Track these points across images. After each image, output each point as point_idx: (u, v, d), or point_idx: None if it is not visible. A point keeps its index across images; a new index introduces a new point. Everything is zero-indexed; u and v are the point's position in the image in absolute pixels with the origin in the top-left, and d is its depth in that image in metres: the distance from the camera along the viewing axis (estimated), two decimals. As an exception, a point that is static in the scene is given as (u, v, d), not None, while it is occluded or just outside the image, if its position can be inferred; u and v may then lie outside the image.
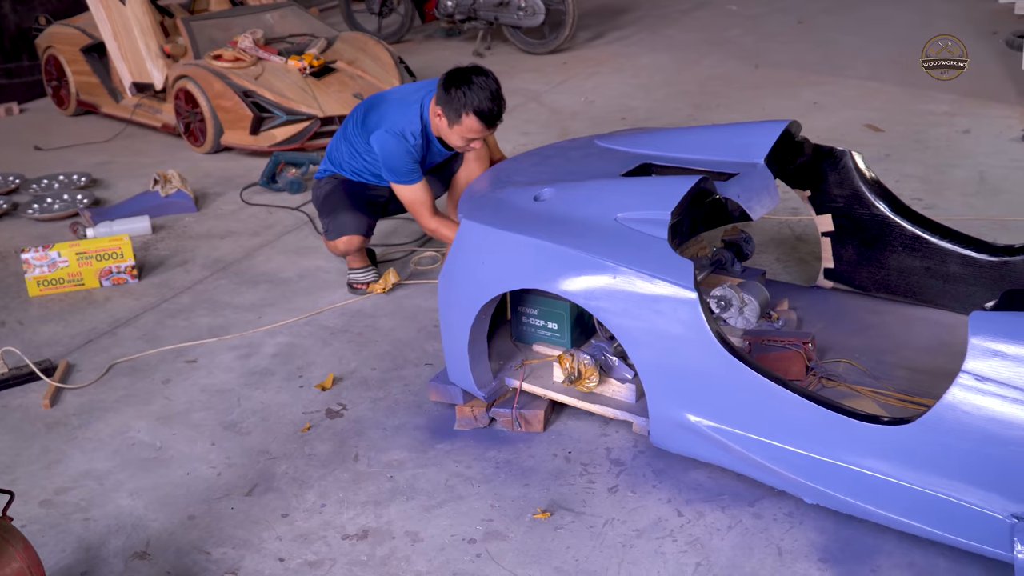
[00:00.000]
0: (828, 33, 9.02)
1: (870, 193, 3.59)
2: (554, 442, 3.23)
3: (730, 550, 2.72)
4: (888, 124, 6.35)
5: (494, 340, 3.44)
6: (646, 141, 3.68)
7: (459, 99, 3.71)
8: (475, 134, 3.80)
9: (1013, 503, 2.41)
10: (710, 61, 8.30)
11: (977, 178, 5.34)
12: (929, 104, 6.72)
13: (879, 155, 5.75)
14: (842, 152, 3.59)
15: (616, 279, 2.83)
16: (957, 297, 3.50)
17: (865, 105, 6.81)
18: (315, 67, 6.55)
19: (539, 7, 8.51)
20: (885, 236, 3.60)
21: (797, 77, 7.66)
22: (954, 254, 3.48)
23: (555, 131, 6.57)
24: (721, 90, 7.42)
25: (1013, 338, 2.33)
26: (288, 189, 5.67)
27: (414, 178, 3.99)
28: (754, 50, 8.59)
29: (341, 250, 4.26)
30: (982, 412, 2.36)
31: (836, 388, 3.10)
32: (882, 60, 7.94)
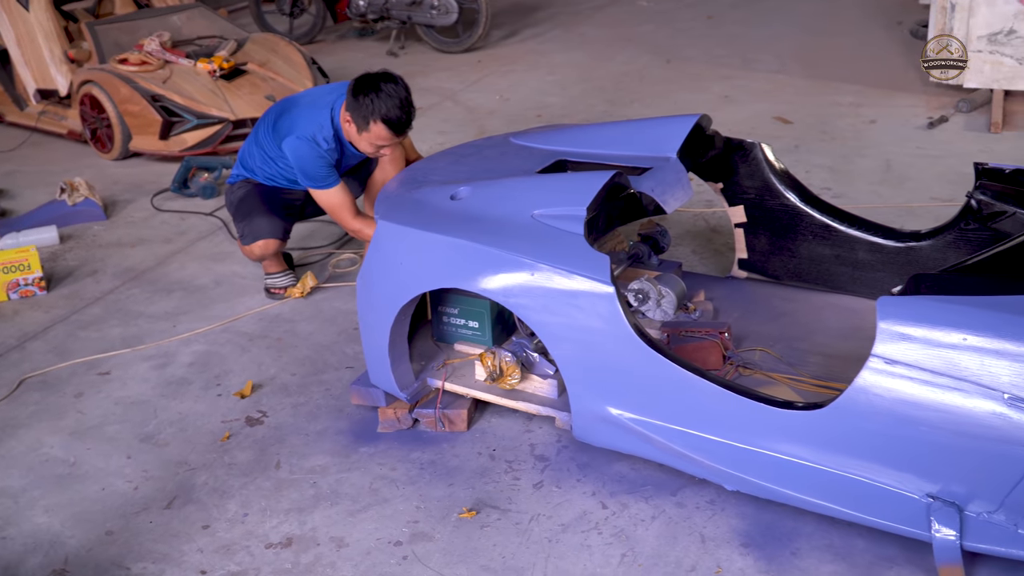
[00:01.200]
0: (736, 27, 9.18)
1: (780, 184, 3.66)
2: (478, 440, 3.23)
3: (654, 540, 2.75)
4: (797, 116, 6.48)
5: (415, 341, 3.43)
6: (561, 138, 3.70)
7: (367, 106, 3.67)
8: (384, 141, 3.77)
9: (927, 483, 2.49)
10: (623, 57, 8.37)
11: (884, 166, 5.49)
12: (836, 95, 6.88)
13: (789, 146, 5.87)
14: (752, 144, 3.66)
15: (534, 276, 2.84)
16: (867, 283, 3.60)
17: (774, 98, 6.94)
18: (225, 69, 6.44)
19: (452, 6, 8.50)
20: (796, 226, 3.68)
21: (708, 71, 7.78)
22: (862, 241, 3.58)
23: (472, 129, 6.57)
24: (634, 85, 7.50)
25: (920, 321, 2.40)
26: (200, 194, 5.57)
27: (331, 182, 3.94)
28: (666, 45, 8.70)
29: (257, 254, 4.19)
30: (892, 394, 2.43)
31: (752, 376, 3.16)
32: (789, 53, 8.11)
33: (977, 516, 2.45)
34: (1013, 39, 6.33)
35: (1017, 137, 5.91)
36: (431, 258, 3.05)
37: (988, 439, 2.35)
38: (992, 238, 3.25)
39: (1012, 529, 2.41)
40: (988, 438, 2.35)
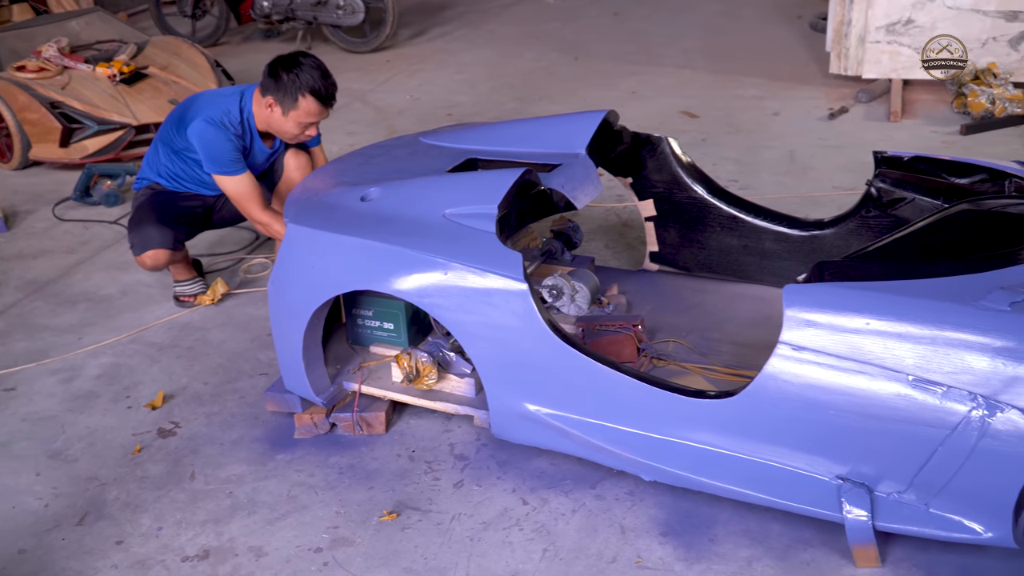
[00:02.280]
0: (642, 24, 9.29)
1: (687, 177, 3.72)
2: (397, 442, 3.21)
3: (575, 533, 2.77)
4: (703, 110, 6.59)
5: (330, 344, 3.39)
6: (470, 136, 3.70)
7: (292, 82, 3.63)
8: (312, 117, 3.73)
9: (837, 465, 2.55)
10: (531, 54, 8.41)
11: (788, 157, 5.62)
12: (740, 89, 7.01)
13: (696, 140, 5.96)
14: (659, 139, 3.72)
15: (448, 275, 2.83)
16: (774, 272, 3.68)
17: (680, 93, 7.05)
18: (126, 73, 6.28)
19: (358, 5, 8.43)
20: (704, 218, 3.74)
21: (615, 67, 7.86)
22: (768, 231, 3.66)
23: (382, 130, 6.53)
24: (543, 82, 7.54)
25: (824, 308, 2.46)
26: (104, 202, 5.42)
27: (238, 168, 3.83)
28: (573, 42, 8.76)
29: (148, 265, 4.05)
30: (801, 380, 2.49)
31: (666, 367, 3.20)
32: (694, 48, 8.24)
33: (887, 496, 2.52)
34: (911, 29, 6.53)
35: (916, 125, 6.11)
36: (343, 260, 3.02)
37: (895, 420, 2.42)
38: (892, 224, 3.35)
39: (923, 508, 2.49)
40: (894, 419, 2.41)
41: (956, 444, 2.36)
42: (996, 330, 2.31)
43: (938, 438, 2.37)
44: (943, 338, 2.34)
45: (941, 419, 2.35)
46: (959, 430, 2.34)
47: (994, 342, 2.30)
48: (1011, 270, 2.49)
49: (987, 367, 2.30)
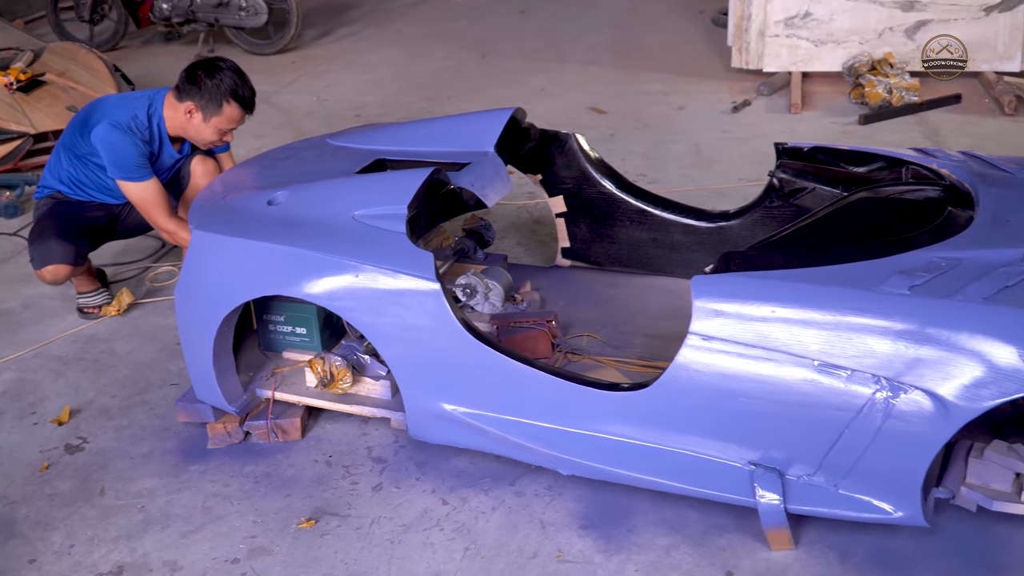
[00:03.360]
0: (549, 21, 9.34)
1: (596, 173, 3.76)
2: (314, 448, 3.18)
3: (495, 531, 2.77)
4: (610, 106, 6.66)
5: (241, 352, 3.33)
6: (378, 137, 3.68)
7: (215, 88, 3.58)
8: (234, 123, 3.70)
9: (749, 451, 2.60)
10: (439, 53, 8.40)
11: (694, 151, 5.71)
12: (645, 85, 7.10)
13: (604, 135, 6.02)
14: (567, 135, 3.74)
15: (359, 277, 2.81)
16: (683, 264, 3.73)
17: (588, 89, 7.11)
18: (23, 81, 6.08)
19: (261, 6, 8.30)
20: (613, 212, 3.78)
21: (523, 65, 7.89)
22: (677, 224, 3.71)
23: (289, 132, 6.44)
24: (452, 81, 7.53)
25: (731, 297, 2.51)
26: (2, 214, 5.25)
27: (144, 174, 3.74)
28: (481, 40, 8.77)
29: (48, 279, 3.92)
30: (711, 369, 2.53)
31: (581, 361, 3.23)
32: (600, 45, 8.32)
33: (798, 479, 2.58)
34: (809, 22, 6.70)
35: (816, 117, 6.26)
36: (251, 266, 2.97)
37: (802, 405, 2.47)
38: (795, 213, 3.42)
39: (833, 490, 2.55)
40: (802, 404, 2.47)
41: (862, 426, 2.43)
42: (897, 314, 2.38)
43: (845, 421, 2.44)
44: (846, 323, 2.40)
45: (847, 402, 2.42)
46: (864, 412, 2.41)
47: (895, 325, 2.37)
48: (909, 255, 2.57)
49: (889, 350, 2.37)
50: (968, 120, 6.05)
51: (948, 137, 5.76)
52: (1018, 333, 2.30)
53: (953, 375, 2.32)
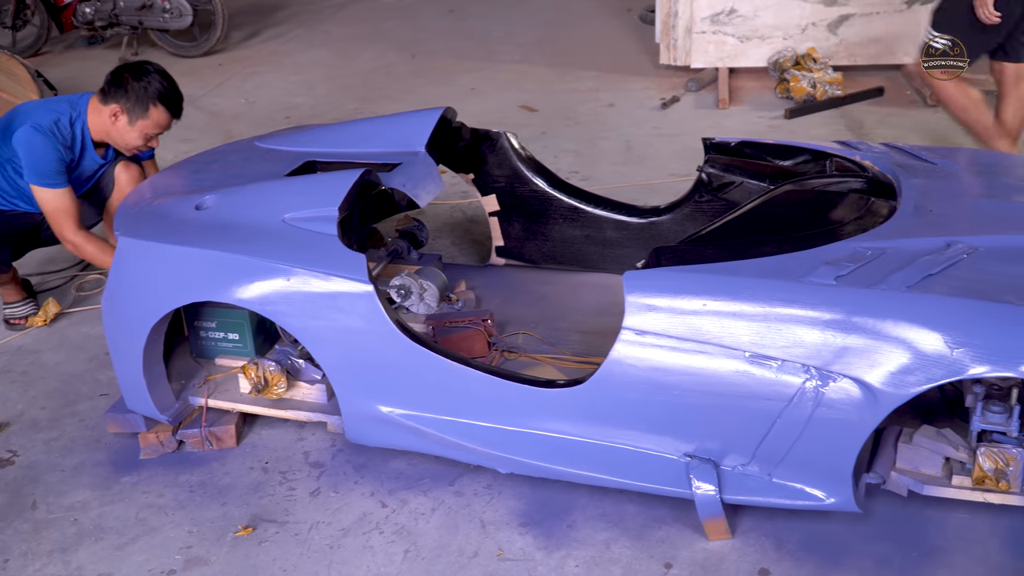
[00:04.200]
0: (478, 21, 9.34)
1: (528, 171, 3.77)
2: (249, 455, 3.14)
3: (436, 531, 2.77)
4: (541, 104, 6.68)
5: (172, 359, 3.28)
6: (308, 139, 3.65)
7: (142, 91, 3.52)
8: (160, 128, 3.64)
9: (684, 443, 2.63)
10: (369, 54, 8.35)
11: (625, 147, 5.75)
12: (576, 82, 7.13)
13: (536, 133, 6.04)
14: (498, 134, 3.75)
15: (291, 281, 2.78)
16: (616, 259, 3.76)
17: (519, 87, 7.12)
18: (-62, 88, 5.92)
19: (186, 8, 8.18)
20: (546, 210, 3.80)
21: (453, 64, 7.88)
22: (609, 220, 3.74)
23: (217, 135, 6.35)
24: (383, 82, 7.49)
25: (663, 292, 2.53)
26: (-81, 224, 5.09)
27: (59, 181, 3.63)
28: (410, 40, 8.74)
29: None
30: (645, 363, 2.55)
31: (517, 359, 3.23)
32: (529, 44, 8.34)
33: (733, 469, 2.61)
34: (734, 18, 6.79)
35: (743, 111, 6.35)
36: (180, 272, 2.93)
37: (735, 396, 2.51)
38: (724, 207, 3.47)
39: (767, 479, 2.59)
40: (735, 395, 2.51)
41: (793, 415, 2.47)
42: (824, 304, 2.43)
43: (776, 410, 2.48)
44: (775, 314, 2.44)
45: (778, 392, 2.46)
46: (795, 401, 2.45)
47: (823, 315, 2.42)
48: (834, 246, 2.62)
49: (818, 339, 2.41)
50: (891, 112, 6.19)
51: (872, 129, 5.88)
52: (942, 320, 2.36)
53: (880, 362, 2.37)
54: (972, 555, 2.58)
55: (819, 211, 2.97)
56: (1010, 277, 2.47)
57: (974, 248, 2.58)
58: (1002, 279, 2.46)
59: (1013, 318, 2.34)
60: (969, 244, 2.60)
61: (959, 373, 2.33)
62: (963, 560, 2.57)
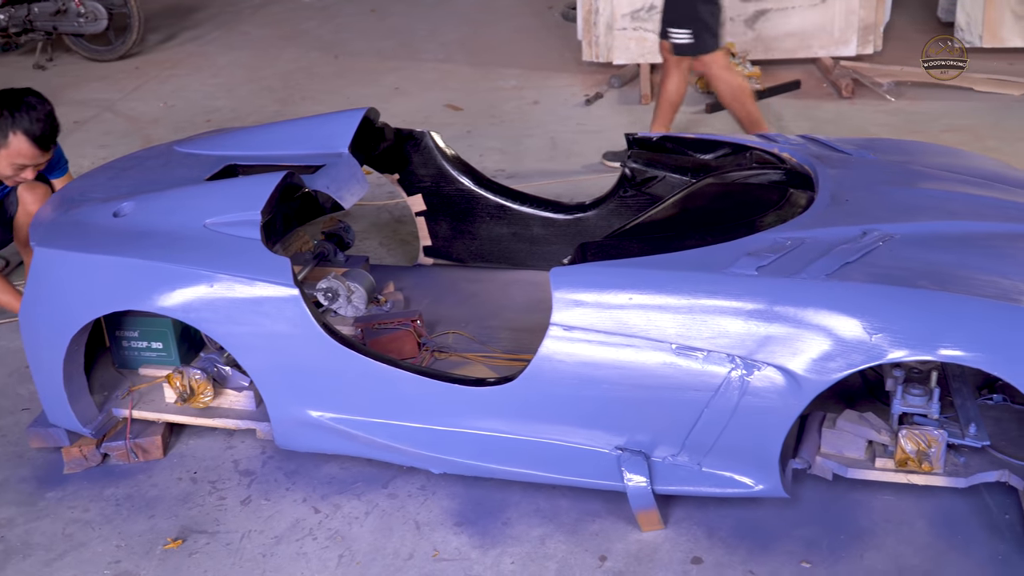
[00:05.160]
0: (400, 20, 9.30)
1: (453, 170, 3.77)
2: (177, 465, 3.09)
3: (370, 535, 2.75)
4: (466, 102, 6.68)
5: (94, 371, 3.21)
6: (228, 142, 3.60)
7: (6, 120, 3.38)
8: (25, 159, 3.43)
9: (615, 436, 2.66)
10: (290, 55, 8.26)
11: (550, 144, 5.78)
12: (499, 81, 7.14)
13: (462, 132, 6.04)
14: (421, 134, 3.74)
15: (214, 287, 2.74)
16: (544, 256, 3.78)
17: (443, 86, 7.11)
18: None
19: (101, 12, 8.00)
20: (473, 209, 3.80)
21: (377, 64, 7.84)
22: (536, 217, 3.76)
23: (136, 140, 6.23)
24: (305, 83, 7.42)
25: (589, 287, 2.55)
26: None
27: None
28: (332, 41, 8.66)
29: None
30: (574, 358, 2.57)
31: (448, 358, 3.23)
32: (452, 43, 8.33)
33: (663, 460, 2.64)
34: (654, 14, 6.81)
35: (665, 106, 6.41)
36: (99, 281, 2.87)
37: (663, 388, 2.54)
38: (648, 202, 3.50)
39: (697, 468, 2.63)
40: (662, 387, 2.54)
41: (720, 404, 2.51)
42: (746, 294, 2.47)
43: (703, 400, 2.51)
44: (700, 306, 2.48)
45: (704, 382, 2.49)
46: (721, 391, 2.49)
47: (745, 305, 2.46)
48: (755, 237, 2.67)
49: (741, 329, 2.45)
50: (808, 105, 6.31)
51: (790, 122, 5.99)
52: (860, 307, 2.41)
53: (802, 350, 2.42)
54: (899, 536, 2.65)
55: (740, 203, 3.02)
56: (924, 262, 2.54)
57: (889, 235, 2.65)
58: (917, 265, 2.53)
59: (929, 303, 2.41)
60: (884, 232, 2.67)
61: (879, 358, 2.39)
62: (890, 541, 2.64)
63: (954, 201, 2.91)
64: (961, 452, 2.67)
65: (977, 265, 2.56)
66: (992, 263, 2.57)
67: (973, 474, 2.61)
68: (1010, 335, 2.37)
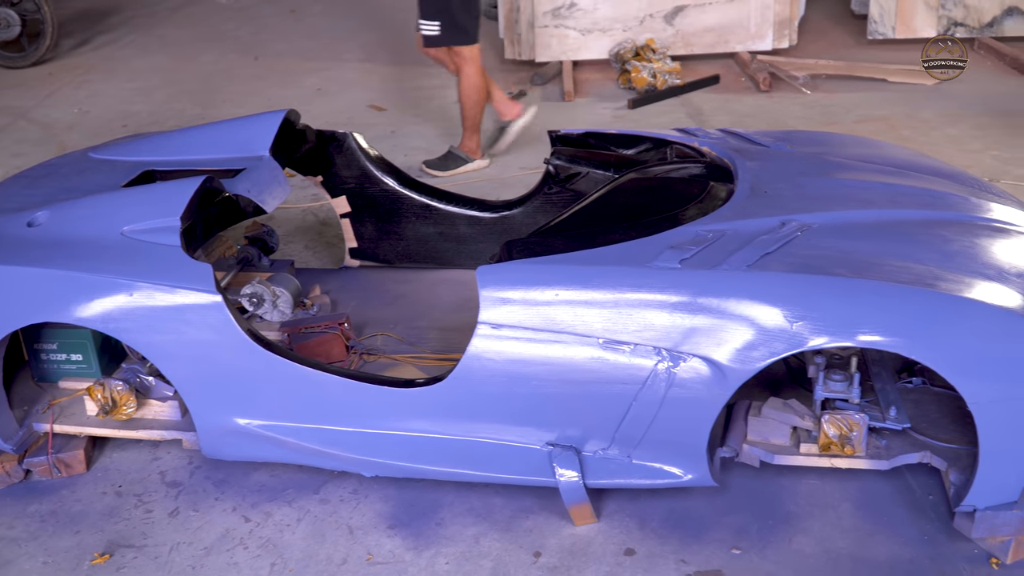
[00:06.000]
0: (320, 20, 9.21)
1: (377, 170, 3.74)
2: (101, 479, 3.02)
3: (302, 542, 2.73)
4: (389, 102, 6.65)
5: (13, 385, 3.12)
6: (146, 147, 3.53)
7: None
8: None
9: (546, 432, 2.67)
10: (209, 57, 8.13)
11: (475, 143, 5.76)
12: (423, 79, 7.12)
13: (386, 132, 6.01)
14: (344, 135, 3.71)
15: (133, 296, 2.69)
16: (471, 255, 3.78)
17: (365, 86, 7.06)
18: None
19: (13, 18, 7.80)
20: (398, 209, 3.78)
21: (298, 65, 7.75)
22: (462, 216, 3.76)
23: (51, 148, 6.07)
24: (225, 85, 7.31)
25: (515, 284, 2.56)
26: None
27: None
28: (252, 42, 8.55)
29: None
30: (503, 356, 2.57)
31: (377, 360, 3.21)
32: (373, 43, 8.28)
33: (594, 455, 2.66)
34: (575, 12, 6.90)
35: (588, 103, 6.47)
36: (14, 293, 2.78)
37: (591, 382, 2.56)
38: (573, 198, 3.52)
39: (627, 461, 2.65)
40: (591, 381, 2.56)
41: (648, 397, 2.53)
42: (670, 287, 2.50)
43: (631, 393, 2.54)
44: (625, 300, 2.50)
45: (632, 375, 2.52)
46: (649, 383, 2.52)
47: (670, 298, 2.49)
48: (678, 230, 2.70)
49: (666, 322, 2.48)
50: (728, 99, 6.41)
51: (711, 116, 6.08)
52: (781, 296, 2.46)
53: (726, 340, 2.45)
54: (825, 519, 2.71)
55: (662, 197, 3.05)
56: (841, 251, 2.60)
57: (807, 225, 2.71)
58: (834, 253, 2.59)
59: (846, 290, 2.46)
60: (802, 222, 2.72)
61: (800, 345, 2.44)
62: (817, 525, 2.69)
63: (869, 190, 2.98)
64: (883, 435, 2.73)
65: (892, 252, 2.62)
66: (906, 249, 2.64)
67: (895, 456, 2.68)
68: (926, 319, 2.44)
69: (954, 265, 2.59)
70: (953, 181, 3.16)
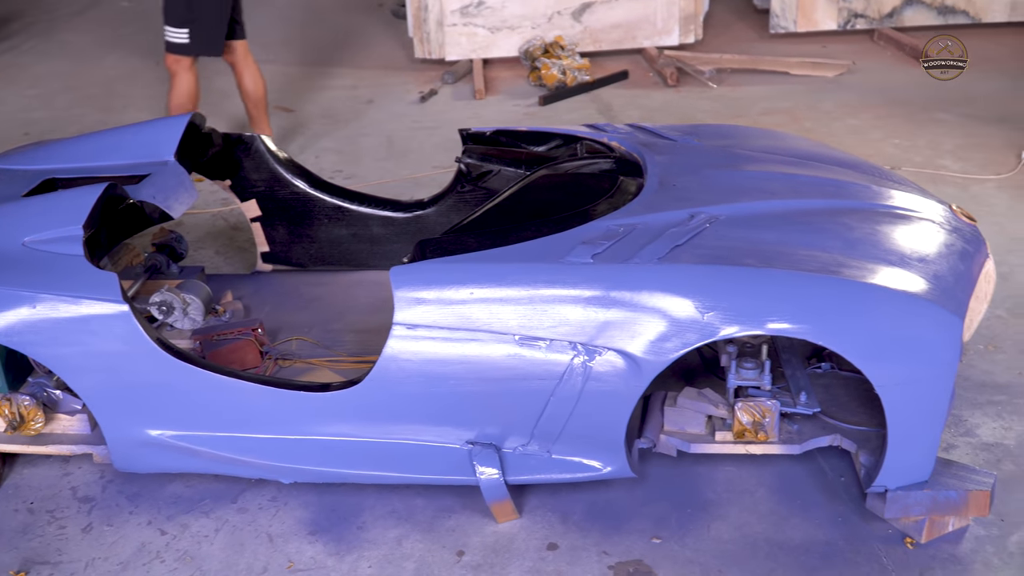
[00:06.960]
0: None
1: (287, 173, 3.70)
2: (12, 496, 2.93)
3: (221, 552, 2.68)
4: (298, 103, 6.57)
5: (-89, 405, 3.01)
6: (46, 155, 3.43)
7: None
8: None
9: (465, 431, 2.67)
10: (111, 61, 7.93)
11: (386, 143, 5.75)
12: (332, 80, 7.05)
13: (295, 134, 5.93)
14: (251, 137, 3.66)
15: (36, 308, 2.62)
16: (385, 256, 3.76)
17: (271, 88, 6.92)
18: None
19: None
20: (310, 211, 3.74)
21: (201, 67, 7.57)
22: (375, 217, 3.73)
23: (-54, 159, 5.86)
24: (127, 90, 7.14)
25: (430, 284, 2.56)
26: None
27: None
28: (154, 45, 8.27)
29: None
30: (420, 356, 2.57)
31: (293, 365, 3.18)
32: (276, 43, 8.14)
33: (514, 451, 2.68)
34: (483, 10, 6.91)
35: (499, 101, 6.48)
36: (-91, 310, 2.69)
37: (509, 379, 2.57)
38: (485, 196, 3.53)
39: (547, 456, 2.67)
40: (508, 378, 2.57)
41: (565, 391, 2.55)
42: (583, 282, 2.52)
43: (549, 389, 2.55)
44: (539, 296, 2.51)
45: (549, 371, 2.53)
46: (565, 378, 2.53)
47: (583, 293, 2.51)
48: (589, 225, 2.72)
49: (581, 317, 2.50)
50: (636, 94, 6.48)
51: (620, 111, 6.14)
52: (691, 287, 2.50)
53: (639, 333, 2.49)
54: (742, 505, 2.77)
55: (573, 193, 3.07)
56: (749, 241, 2.66)
57: (715, 217, 2.76)
58: (742, 244, 2.64)
59: (755, 280, 2.51)
60: (710, 214, 2.77)
61: (712, 335, 2.48)
62: (734, 511, 2.75)
63: (774, 181, 3.05)
64: (794, 420, 2.79)
65: (798, 241, 2.69)
66: (812, 238, 2.71)
67: (807, 440, 2.74)
68: (832, 306, 2.50)
69: (858, 252, 2.66)
70: (855, 170, 3.24)
